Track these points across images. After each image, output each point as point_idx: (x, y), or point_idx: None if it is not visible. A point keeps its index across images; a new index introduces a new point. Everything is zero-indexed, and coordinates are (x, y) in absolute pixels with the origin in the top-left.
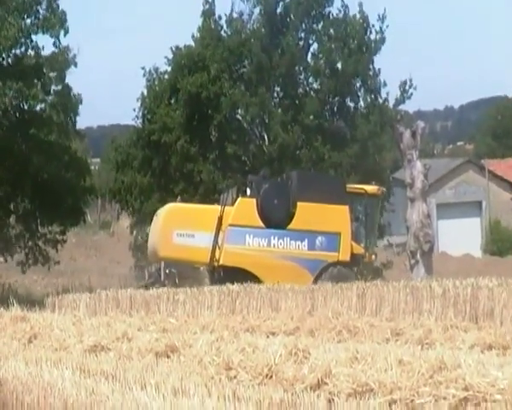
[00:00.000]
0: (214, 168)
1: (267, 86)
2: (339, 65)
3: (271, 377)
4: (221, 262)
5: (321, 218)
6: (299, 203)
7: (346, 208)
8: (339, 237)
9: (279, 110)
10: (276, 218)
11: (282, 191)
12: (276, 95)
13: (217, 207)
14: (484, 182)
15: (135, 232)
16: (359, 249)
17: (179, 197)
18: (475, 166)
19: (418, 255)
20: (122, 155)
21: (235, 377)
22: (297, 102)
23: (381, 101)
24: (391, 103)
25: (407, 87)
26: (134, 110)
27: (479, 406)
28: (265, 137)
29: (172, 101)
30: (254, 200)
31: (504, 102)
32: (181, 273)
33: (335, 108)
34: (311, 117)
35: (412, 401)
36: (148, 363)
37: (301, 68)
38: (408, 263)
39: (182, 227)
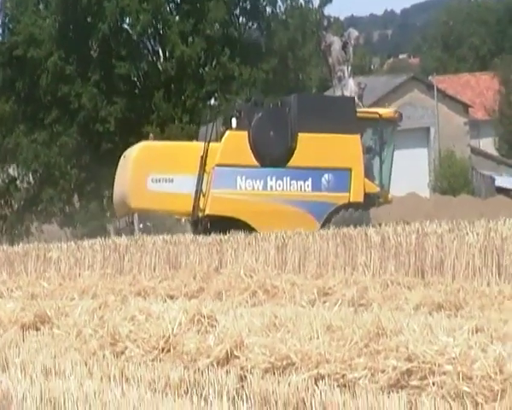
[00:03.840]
0: (97, 91)
1: None
2: None
3: (169, 350)
4: (207, 211)
5: (327, 151)
6: (300, 135)
7: (357, 138)
8: (349, 173)
9: (177, 18)
10: (272, 154)
11: (280, 121)
12: None
13: (199, 144)
14: (432, 103)
15: None
16: (373, 188)
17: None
18: (422, 84)
19: None
20: None
21: (122, 352)
22: (199, 6)
23: (303, 2)
24: (315, 5)
25: None
26: None
27: (425, 379)
28: (160, 51)
29: (41, 6)
30: (246, 133)
31: (456, 3)
32: (158, 227)
33: (247, 14)
34: (217, 25)
35: (343, 375)
36: (11, 338)
37: None
38: None
39: (157, 171)
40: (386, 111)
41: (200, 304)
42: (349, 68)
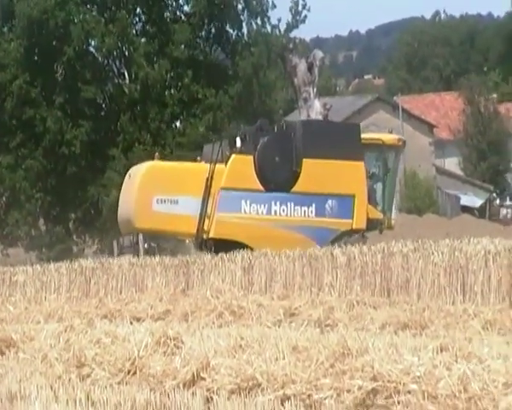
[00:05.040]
0: (62, 115)
1: (127, 10)
2: None
3: (135, 373)
4: (211, 235)
5: (331, 177)
6: (304, 160)
7: (361, 165)
8: (353, 200)
9: (142, 40)
10: (277, 179)
11: (285, 146)
12: (138, 20)
13: (205, 166)
14: (397, 123)
15: None
16: (377, 214)
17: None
18: (387, 105)
19: None
20: None
21: (88, 375)
22: (164, 29)
23: (269, 28)
24: (282, 30)
25: (300, 8)
26: None
27: (390, 398)
28: (125, 74)
29: (6, 29)
30: (251, 157)
31: (421, 25)
32: (163, 248)
33: (212, 37)
34: (182, 47)
35: (309, 396)
36: None
37: None
38: None
39: (163, 191)
40: (389, 137)
41: (166, 326)
42: (314, 89)
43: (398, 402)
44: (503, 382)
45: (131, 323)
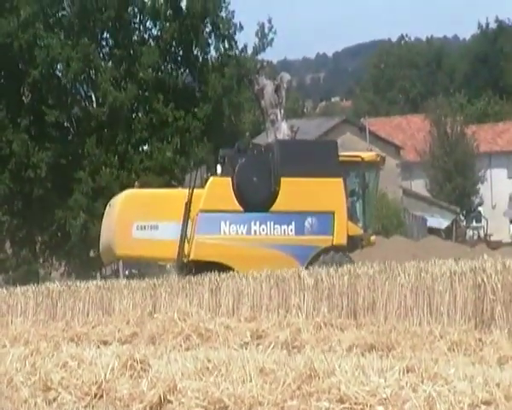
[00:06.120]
0: (28, 138)
1: (93, 34)
2: (183, 4)
3: (102, 396)
4: (192, 257)
5: (310, 195)
6: (283, 179)
7: (339, 182)
8: (332, 216)
9: (109, 63)
10: (256, 199)
11: (262, 166)
12: (104, 44)
13: (183, 191)
14: (364, 145)
15: None
16: (357, 230)
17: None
18: (354, 127)
19: None
20: None
21: (55, 399)
22: (131, 52)
23: (237, 51)
24: (249, 53)
25: (266, 31)
26: None
27: None
28: (93, 97)
29: None
30: (229, 179)
31: (387, 47)
32: (144, 274)
33: (180, 59)
34: (150, 70)
35: None
36: None
37: (136, 10)
38: None
39: (143, 218)
40: (368, 155)
41: (133, 349)
42: (282, 111)
43: None
44: (468, 403)
45: (98, 346)
